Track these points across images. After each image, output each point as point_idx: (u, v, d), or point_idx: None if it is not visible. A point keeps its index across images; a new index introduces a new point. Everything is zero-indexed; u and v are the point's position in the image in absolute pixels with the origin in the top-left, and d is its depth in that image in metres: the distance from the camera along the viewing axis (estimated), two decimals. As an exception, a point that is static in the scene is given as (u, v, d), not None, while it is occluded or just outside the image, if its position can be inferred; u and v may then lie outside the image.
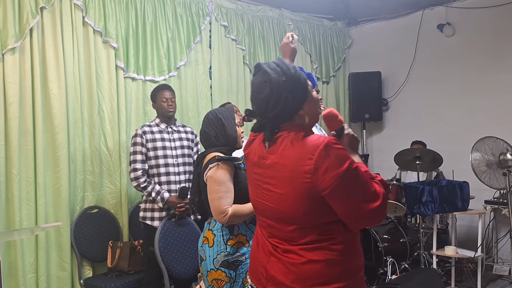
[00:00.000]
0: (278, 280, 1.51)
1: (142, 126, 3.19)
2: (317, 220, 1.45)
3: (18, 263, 3.02)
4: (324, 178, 1.38)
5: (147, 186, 3.07)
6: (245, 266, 2.18)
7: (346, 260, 1.47)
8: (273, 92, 1.47)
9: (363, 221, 1.46)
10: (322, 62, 5.39)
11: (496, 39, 4.66)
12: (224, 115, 2.30)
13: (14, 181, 3.02)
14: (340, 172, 1.37)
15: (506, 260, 4.43)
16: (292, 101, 1.47)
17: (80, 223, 3.35)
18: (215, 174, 2.13)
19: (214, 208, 2.13)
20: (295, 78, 1.49)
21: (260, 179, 1.57)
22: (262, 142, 1.57)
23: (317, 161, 1.38)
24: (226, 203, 2.11)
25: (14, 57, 3.04)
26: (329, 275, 1.45)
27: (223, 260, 2.14)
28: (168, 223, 3.05)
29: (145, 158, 3.13)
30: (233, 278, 2.15)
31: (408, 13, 5.25)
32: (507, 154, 3.69)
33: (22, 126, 3.08)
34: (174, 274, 2.94)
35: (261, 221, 1.63)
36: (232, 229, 2.19)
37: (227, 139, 2.27)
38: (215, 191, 2.12)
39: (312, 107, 1.53)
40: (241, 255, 2.16)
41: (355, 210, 1.42)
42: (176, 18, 3.99)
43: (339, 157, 1.39)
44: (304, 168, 1.40)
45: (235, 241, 2.17)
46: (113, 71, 3.56)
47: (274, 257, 1.54)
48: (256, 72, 1.56)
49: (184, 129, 3.33)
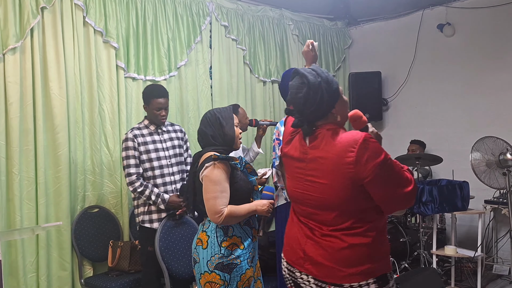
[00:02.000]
0: (316, 261, 1.72)
1: (132, 130, 3.09)
2: (357, 206, 1.66)
3: (18, 263, 3.03)
4: (365, 168, 1.59)
5: (144, 190, 2.99)
6: (239, 269, 2.14)
7: (377, 244, 1.69)
8: (310, 91, 1.68)
9: (398, 204, 1.68)
10: (322, 62, 5.39)
11: (496, 39, 4.66)
12: (223, 115, 2.27)
13: (14, 181, 3.03)
14: (379, 162, 1.59)
15: (506, 259, 4.43)
16: (326, 100, 1.69)
17: (80, 222, 3.35)
18: (211, 174, 2.11)
19: (209, 207, 2.10)
20: (329, 80, 1.72)
21: (302, 172, 1.78)
22: (302, 139, 1.78)
23: (358, 153, 1.60)
24: (221, 203, 2.09)
25: (14, 57, 3.05)
26: (364, 257, 1.66)
27: (218, 263, 2.11)
28: (168, 223, 3.05)
29: (139, 161, 3.04)
30: (228, 281, 2.11)
31: (408, 13, 5.25)
32: (507, 154, 3.70)
33: (23, 125, 3.09)
34: (173, 273, 2.94)
35: (301, 210, 1.82)
36: (227, 231, 2.15)
37: (224, 138, 2.24)
38: (210, 190, 2.10)
39: (343, 107, 1.75)
40: (235, 258, 2.13)
41: (392, 194, 1.64)
42: (177, 18, 3.99)
43: (376, 149, 1.61)
44: (346, 160, 1.61)
45: (230, 242, 2.14)
46: (113, 71, 3.56)
47: (312, 241, 1.74)
48: (294, 76, 1.77)
49: (173, 128, 3.25)
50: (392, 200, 1.65)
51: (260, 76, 4.69)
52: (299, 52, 5.09)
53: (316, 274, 1.72)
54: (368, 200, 1.65)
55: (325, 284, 1.70)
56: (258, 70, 4.68)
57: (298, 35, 5.08)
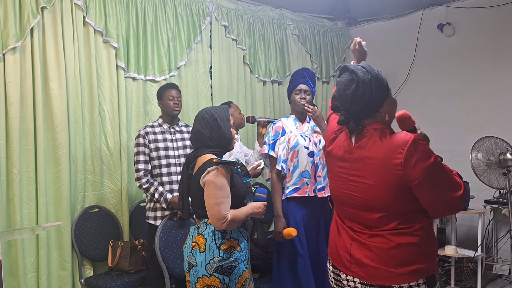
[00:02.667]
0: (363, 263, 1.69)
1: (145, 127, 3.19)
2: (403, 208, 1.63)
3: (19, 262, 3.03)
4: (414, 170, 1.57)
5: (149, 187, 3.06)
6: (238, 271, 2.14)
7: (425, 244, 1.65)
8: (358, 88, 1.65)
9: (447, 209, 1.65)
10: (322, 62, 5.39)
11: (496, 39, 4.66)
12: (220, 116, 2.22)
13: (15, 181, 3.03)
14: (428, 164, 1.56)
15: (506, 259, 4.43)
16: (375, 98, 1.66)
17: (80, 222, 3.36)
18: (215, 179, 2.06)
19: (214, 213, 2.06)
20: (379, 78, 1.68)
21: (346, 172, 1.75)
22: (348, 138, 1.75)
23: (407, 155, 1.57)
24: (226, 209, 2.07)
25: (15, 57, 3.05)
26: (412, 257, 1.63)
27: (217, 266, 2.08)
28: (169, 222, 3.06)
29: (148, 158, 3.13)
30: (227, 284, 2.11)
31: (408, 13, 5.25)
32: (507, 154, 3.70)
33: (23, 125, 3.09)
34: (174, 273, 2.95)
35: (344, 212, 1.80)
36: (225, 233, 2.13)
37: (221, 141, 2.21)
38: (214, 196, 2.06)
39: (392, 106, 1.73)
40: (234, 260, 2.13)
41: (440, 198, 1.61)
42: (177, 18, 3.99)
43: (426, 152, 1.58)
44: (394, 161, 1.59)
45: (228, 245, 2.13)
46: (113, 71, 3.57)
47: (358, 243, 1.72)
48: (343, 72, 1.74)
49: (187, 129, 3.32)
50: (441, 204, 1.62)
51: (260, 76, 4.69)
52: (299, 52, 5.10)
53: (363, 276, 1.69)
54: (415, 202, 1.63)
55: (373, 287, 1.67)
56: (258, 70, 4.68)
57: (298, 35, 5.08)
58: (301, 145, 2.87)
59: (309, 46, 5.21)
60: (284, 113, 4.86)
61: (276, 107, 4.88)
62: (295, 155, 2.86)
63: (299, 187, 2.86)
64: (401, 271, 1.62)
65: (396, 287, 1.63)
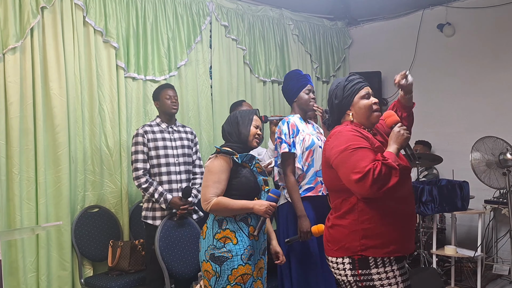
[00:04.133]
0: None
1: (143, 126, 3.19)
2: (335, 183, 1.94)
3: (19, 262, 3.03)
4: (331, 153, 1.91)
5: (149, 187, 3.06)
6: (230, 263, 2.20)
7: (355, 226, 1.87)
8: (329, 97, 2.09)
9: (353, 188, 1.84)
10: (322, 62, 5.39)
11: (496, 39, 4.66)
12: (242, 115, 2.41)
13: (15, 181, 3.03)
14: (340, 149, 1.86)
15: (506, 259, 4.43)
16: (336, 105, 2.03)
17: (80, 222, 3.35)
18: (210, 164, 2.27)
19: (202, 195, 2.26)
20: (340, 87, 2.02)
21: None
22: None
23: (330, 141, 1.96)
24: (211, 192, 2.22)
25: (14, 56, 3.05)
26: (339, 236, 1.91)
27: (211, 253, 2.23)
28: (169, 222, 3.06)
29: (147, 157, 3.12)
30: (218, 273, 2.20)
31: (408, 13, 5.25)
32: (507, 154, 3.70)
33: (23, 125, 3.09)
34: (174, 273, 2.95)
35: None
36: (221, 223, 2.26)
37: (239, 136, 2.36)
38: (205, 179, 2.26)
39: (360, 110, 1.98)
40: (227, 251, 2.20)
41: (345, 178, 1.85)
42: (177, 18, 3.99)
43: (344, 139, 1.87)
44: (325, 147, 2.01)
45: (222, 235, 2.23)
46: (113, 70, 3.57)
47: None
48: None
49: (184, 129, 3.33)
50: (348, 183, 1.85)
51: (260, 76, 4.69)
52: (299, 52, 5.10)
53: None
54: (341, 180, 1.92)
55: (326, 259, 2.01)
56: (258, 70, 4.68)
57: (298, 35, 5.08)
58: (316, 145, 2.86)
59: (309, 46, 5.20)
60: (284, 113, 4.85)
61: (276, 107, 4.88)
62: (310, 154, 2.85)
63: (313, 186, 2.85)
64: (332, 247, 1.94)
65: (329, 258, 1.96)
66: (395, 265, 1.84)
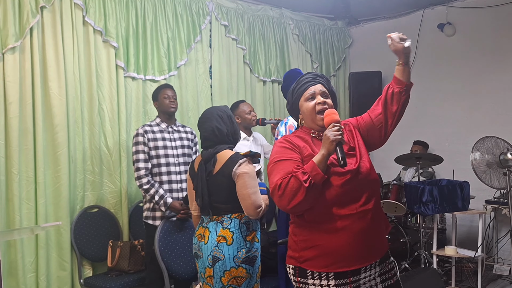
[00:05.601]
0: None
1: (143, 126, 3.18)
2: None
3: (18, 263, 3.02)
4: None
5: (149, 188, 3.04)
6: (258, 261, 2.28)
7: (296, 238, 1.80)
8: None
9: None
10: (322, 61, 5.38)
11: (496, 38, 4.66)
12: (231, 114, 2.40)
13: (14, 180, 3.02)
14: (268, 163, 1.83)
15: (506, 260, 4.43)
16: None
17: (80, 222, 3.35)
18: (249, 169, 2.21)
19: (251, 202, 2.17)
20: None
21: None
22: None
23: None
24: (261, 198, 2.22)
25: (14, 56, 3.04)
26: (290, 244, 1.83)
27: (245, 257, 2.20)
28: (168, 222, 3.05)
29: (148, 157, 3.12)
30: (251, 274, 2.23)
31: (409, 13, 5.24)
32: (507, 154, 3.69)
33: (22, 125, 3.08)
34: (174, 273, 2.94)
35: None
36: (249, 225, 2.27)
37: (234, 136, 2.36)
38: (250, 186, 2.18)
39: (306, 110, 1.85)
40: (255, 250, 2.27)
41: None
42: (176, 18, 3.98)
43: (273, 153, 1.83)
44: None
45: (252, 236, 2.27)
46: (113, 70, 3.56)
47: None
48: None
49: (184, 129, 3.32)
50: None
51: (260, 76, 4.68)
52: (299, 51, 5.09)
53: None
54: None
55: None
56: (258, 69, 4.67)
57: (298, 35, 5.07)
58: None
59: (309, 45, 5.20)
60: (284, 112, 4.85)
61: (276, 106, 4.87)
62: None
63: None
64: (288, 253, 1.85)
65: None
66: (332, 280, 1.72)
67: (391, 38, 1.82)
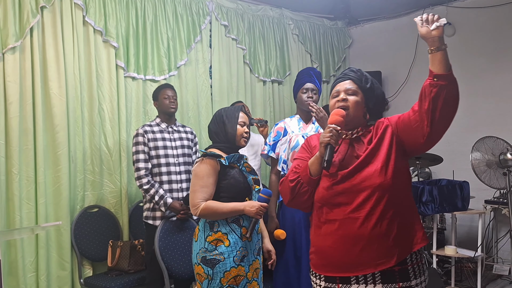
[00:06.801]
0: None
1: (143, 126, 3.18)
2: None
3: (18, 262, 3.02)
4: None
5: (150, 189, 3.04)
6: (223, 266, 2.15)
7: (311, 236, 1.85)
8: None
9: None
10: (322, 61, 5.38)
11: (496, 39, 4.66)
12: (228, 114, 2.33)
13: (14, 180, 3.02)
14: None
15: (506, 259, 4.43)
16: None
17: (80, 222, 3.35)
18: (197, 168, 2.22)
19: (190, 200, 2.22)
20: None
21: None
22: None
23: None
24: (199, 197, 2.18)
25: (14, 56, 3.04)
26: None
27: (202, 256, 2.19)
28: (168, 222, 3.05)
29: (148, 157, 3.12)
30: (211, 276, 2.16)
31: (409, 13, 5.25)
32: (507, 154, 3.70)
33: (23, 125, 3.08)
34: (174, 273, 2.94)
35: None
36: (213, 226, 2.21)
37: (226, 136, 2.30)
38: (193, 184, 2.22)
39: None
40: (219, 254, 2.16)
41: None
42: (177, 18, 3.98)
43: None
44: None
45: (214, 238, 2.18)
46: (113, 70, 3.56)
47: None
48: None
49: (184, 129, 3.33)
50: None
51: (260, 76, 4.69)
52: (299, 51, 5.09)
53: None
54: None
55: None
56: (258, 69, 4.67)
57: (298, 35, 5.07)
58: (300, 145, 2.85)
59: (309, 45, 5.20)
60: (284, 112, 4.85)
61: (276, 106, 4.87)
62: (295, 155, 2.84)
63: None
64: None
65: None
66: (323, 281, 1.71)
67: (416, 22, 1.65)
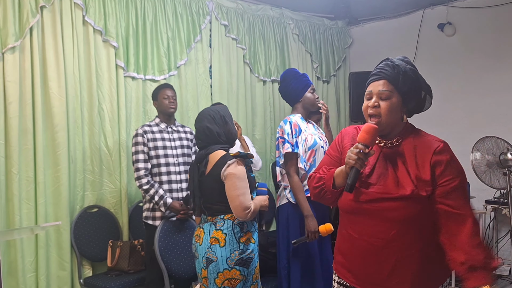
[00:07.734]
0: None
1: (142, 126, 3.18)
2: None
3: (18, 262, 3.02)
4: None
5: (149, 189, 3.04)
6: (254, 262, 2.25)
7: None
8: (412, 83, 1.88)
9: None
10: (322, 61, 5.38)
11: (497, 38, 4.65)
12: (226, 114, 2.34)
13: (14, 180, 3.02)
14: None
15: (506, 260, 4.42)
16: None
17: (80, 222, 3.35)
18: (237, 170, 2.16)
19: (238, 204, 2.14)
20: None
21: None
22: None
23: None
24: (249, 199, 2.18)
25: (14, 56, 3.04)
26: None
27: (238, 258, 2.18)
28: (168, 222, 3.05)
29: (147, 157, 3.11)
30: (246, 276, 2.20)
31: (409, 13, 5.24)
32: (507, 154, 3.69)
33: (22, 125, 3.08)
34: (174, 273, 2.94)
35: None
36: (243, 226, 2.24)
37: (228, 136, 2.31)
38: (238, 187, 2.15)
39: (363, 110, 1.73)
40: (251, 252, 2.24)
41: None
42: (176, 17, 3.98)
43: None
44: None
45: (246, 238, 2.24)
46: (113, 70, 3.56)
47: None
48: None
49: (183, 129, 3.32)
50: None
51: (260, 76, 4.68)
52: (299, 51, 5.08)
53: None
54: None
55: None
56: (258, 69, 4.67)
57: (298, 35, 5.07)
58: (318, 145, 2.85)
59: (309, 45, 5.19)
60: (284, 112, 4.84)
61: (276, 106, 4.87)
62: (312, 154, 2.84)
63: None
64: None
65: None
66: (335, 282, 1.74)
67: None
